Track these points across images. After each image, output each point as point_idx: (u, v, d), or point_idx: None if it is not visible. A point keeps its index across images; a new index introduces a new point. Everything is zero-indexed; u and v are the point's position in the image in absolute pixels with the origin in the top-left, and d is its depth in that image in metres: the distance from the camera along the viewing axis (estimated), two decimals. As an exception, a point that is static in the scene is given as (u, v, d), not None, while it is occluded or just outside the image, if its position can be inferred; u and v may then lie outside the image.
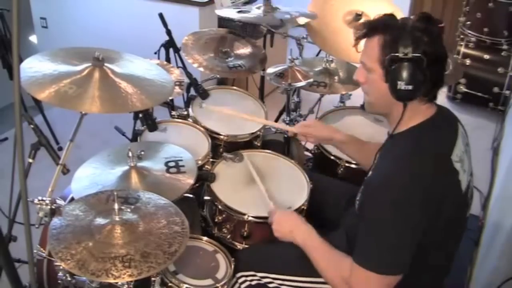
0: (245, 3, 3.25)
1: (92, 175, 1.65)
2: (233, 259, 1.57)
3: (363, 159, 1.74)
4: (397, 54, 1.25)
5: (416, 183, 1.24)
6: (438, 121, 1.34)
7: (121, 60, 1.62)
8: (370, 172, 1.43)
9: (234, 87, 2.40)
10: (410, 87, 1.25)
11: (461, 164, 1.33)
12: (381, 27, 1.30)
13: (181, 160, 1.74)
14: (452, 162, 1.31)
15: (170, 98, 2.33)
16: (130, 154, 1.63)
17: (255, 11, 2.36)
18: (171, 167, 1.70)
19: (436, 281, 1.45)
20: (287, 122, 2.27)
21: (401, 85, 1.25)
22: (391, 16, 1.33)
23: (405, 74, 1.24)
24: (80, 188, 1.58)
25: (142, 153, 1.68)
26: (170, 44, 2.31)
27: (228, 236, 1.75)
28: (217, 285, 1.48)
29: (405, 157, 1.29)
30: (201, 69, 2.22)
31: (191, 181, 1.66)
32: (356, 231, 1.34)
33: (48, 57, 1.53)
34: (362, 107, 2.36)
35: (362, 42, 1.37)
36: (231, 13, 2.37)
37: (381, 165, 1.37)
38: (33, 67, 1.47)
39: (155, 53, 2.31)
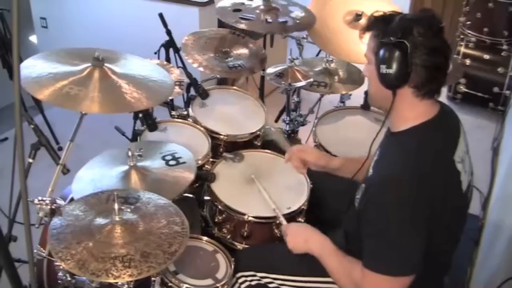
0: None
1: (92, 175, 1.65)
2: (233, 259, 1.57)
3: (359, 176, 1.66)
4: (382, 40, 1.27)
5: (423, 182, 1.24)
6: (441, 121, 1.34)
7: (122, 60, 1.62)
8: (371, 170, 1.42)
9: (234, 87, 2.40)
10: (390, 71, 1.26)
11: (463, 164, 1.33)
12: (377, 20, 1.34)
13: (176, 153, 1.74)
14: (454, 163, 1.31)
15: (170, 98, 2.33)
16: (130, 154, 1.63)
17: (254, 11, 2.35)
18: (169, 160, 1.71)
19: (435, 279, 1.44)
20: (287, 121, 2.27)
21: (383, 69, 1.27)
22: (390, 12, 1.34)
23: (386, 57, 1.26)
24: (80, 188, 1.58)
25: (142, 151, 1.67)
26: (170, 44, 2.31)
27: (228, 236, 1.75)
28: (217, 285, 1.48)
29: (410, 156, 1.28)
30: (201, 69, 2.22)
31: (191, 172, 1.67)
32: (357, 230, 1.34)
33: (48, 58, 1.53)
34: (362, 107, 2.36)
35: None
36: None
37: (383, 164, 1.36)
38: (33, 68, 1.46)
39: (155, 53, 2.31)
